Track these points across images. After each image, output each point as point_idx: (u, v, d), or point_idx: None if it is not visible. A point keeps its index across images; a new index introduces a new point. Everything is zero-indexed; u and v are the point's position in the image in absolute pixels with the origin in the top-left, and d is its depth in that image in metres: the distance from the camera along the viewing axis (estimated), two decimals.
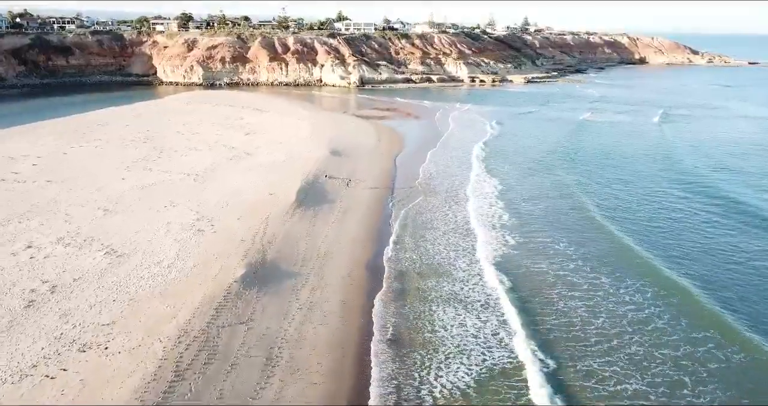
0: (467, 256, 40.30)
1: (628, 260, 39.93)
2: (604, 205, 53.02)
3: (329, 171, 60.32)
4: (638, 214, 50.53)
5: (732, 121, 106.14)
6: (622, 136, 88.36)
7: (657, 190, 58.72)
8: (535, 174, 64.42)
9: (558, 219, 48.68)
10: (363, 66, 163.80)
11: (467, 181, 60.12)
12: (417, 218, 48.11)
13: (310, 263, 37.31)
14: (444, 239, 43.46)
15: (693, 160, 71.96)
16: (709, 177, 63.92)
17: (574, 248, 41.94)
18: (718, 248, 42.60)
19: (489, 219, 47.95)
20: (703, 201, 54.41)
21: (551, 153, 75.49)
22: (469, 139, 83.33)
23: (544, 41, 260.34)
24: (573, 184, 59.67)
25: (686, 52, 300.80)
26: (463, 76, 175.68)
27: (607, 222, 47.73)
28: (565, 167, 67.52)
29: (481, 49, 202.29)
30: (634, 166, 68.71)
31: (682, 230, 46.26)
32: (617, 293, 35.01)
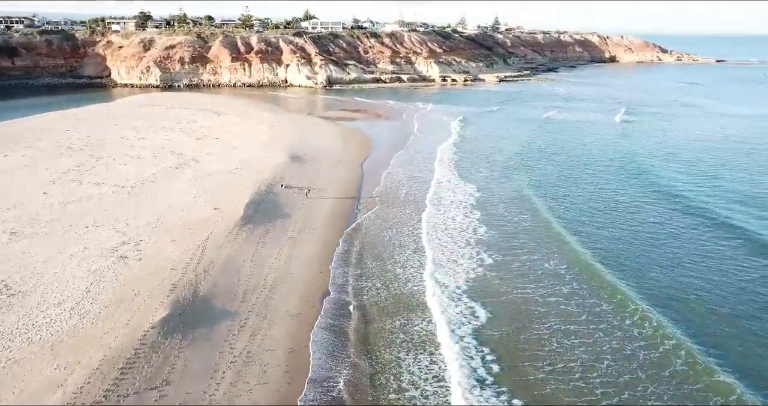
0: (439, 285, 34.20)
1: (588, 271, 34.51)
2: (557, 209, 48.20)
3: (287, 180, 53.75)
4: (590, 216, 46.06)
5: (694, 118, 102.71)
6: (583, 135, 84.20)
7: (614, 191, 54.62)
8: (497, 178, 58.86)
9: (517, 230, 43.04)
10: (330, 66, 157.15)
11: (438, 189, 54.16)
12: (382, 234, 41.90)
13: (253, 296, 30.77)
14: (414, 259, 37.32)
15: (650, 158, 68.94)
16: (663, 173, 61.53)
17: (533, 258, 36.33)
18: (665, 244, 37.59)
19: (461, 234, 42.01)
20: (655, 198, 52.06)
21: (515, 155, 70.58)
22: (438, 141, 77.53)
23: (515, 40, 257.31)
24: (527, 188, 54.92)
25: (655, 50, 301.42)
26: (435, 75, 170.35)
27: (561, 228, 42.98)
28: (523, 171, 62.23)
29: (452, 47, 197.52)
30: (591, 167, 64.58)
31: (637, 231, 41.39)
32: (587, 310, 29.47)
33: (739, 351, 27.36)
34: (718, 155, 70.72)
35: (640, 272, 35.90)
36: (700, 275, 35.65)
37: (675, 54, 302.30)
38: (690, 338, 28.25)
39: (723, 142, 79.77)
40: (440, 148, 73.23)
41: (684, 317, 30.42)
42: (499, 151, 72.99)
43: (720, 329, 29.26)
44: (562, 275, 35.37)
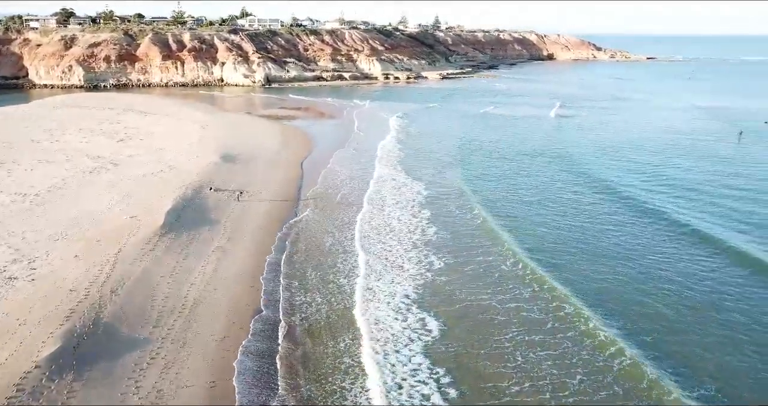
0: (377, 298, 30.49)
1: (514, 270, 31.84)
2: (491, 204, 45.52)
3: (217, 182, 48.79)
4: (522, 209, 43.42)
5: (626, 111, 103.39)
6: (519, 130, 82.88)
7: (546, 181, 53.53)
8: (438, 175, 55.81)
9: (453, 227, 40.07)
10: (269, 63, 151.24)
11: (380, 188, 50.53)
12: (323, 239, 37.83)
13: (170, 320, 26.12)
14: (358, 267, 33.45)
15: (583, 149, 68.26)
16: (590, 164, 60.89)
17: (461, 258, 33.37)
18: (592, 232, 35.59)
19: (407, 236, 38.49)
20: (587, 188, 50.91)
21: (454, 150, 68.23)
22: (379, 138, 74.01)
23: (456, 38, 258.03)
24: (469, 183, 52.31)
25: (590, 48, 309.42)
26: (377, 73, 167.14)
27: (493, 222, 40.06)
28: (462, 166, 59.58)
29: (394, 45, 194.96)
30: (525, 160, 63.00)
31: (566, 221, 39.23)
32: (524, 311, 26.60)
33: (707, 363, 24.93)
34: (650, 146, 70.12)
35: (594, 272, 33.34)
36: (644, 268, 33.44)
37: (609, 52, 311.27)
38: (644, 340, 25.67)
39: (654, 132, 79.49)
40: (381, 144, 69.83)
41: (628, 314, 27.91)
42: (438, 146, 70.34)
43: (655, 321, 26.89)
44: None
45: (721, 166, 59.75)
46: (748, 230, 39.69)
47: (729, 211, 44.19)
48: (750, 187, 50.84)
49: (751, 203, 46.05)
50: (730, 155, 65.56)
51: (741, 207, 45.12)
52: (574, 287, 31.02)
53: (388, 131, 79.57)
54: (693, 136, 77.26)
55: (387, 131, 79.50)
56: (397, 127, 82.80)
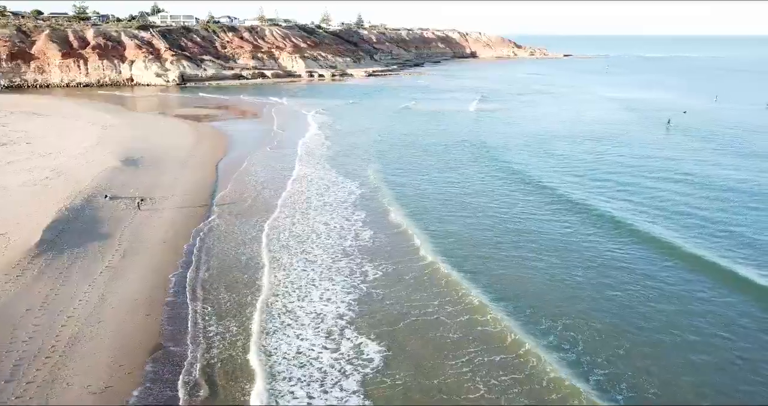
0: (300, 322, 25.54)
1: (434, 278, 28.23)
2: (405, 200, 41.67)
3: (115, 189, 41.97)
4: (437, 203, 39.97)
5: (542, 104, 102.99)
6: (438, 123, 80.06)
7: (468, 174, 50.37)
8: (358, 171, 51.36)
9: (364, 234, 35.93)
10: (184, 62, 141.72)
11: (300, 188, 45.39)
12: (239, 251, 32.29)
13: (32, 368, 19.98)
14: (282, 284, 28.24)
15: (499, 142, 65.75)
16: (509, 155, 58.56)
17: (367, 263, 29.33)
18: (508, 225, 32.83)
19: (337, 242, 33.68)
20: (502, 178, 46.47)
21: (375, 144, 64.49)
22: (299, 136, 68.78)
23: (380, 36, 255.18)
24: (380, 182, 47.93)
25: (511, 46, 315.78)
26: (301, 70, 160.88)
27: (404, 217, 36.34)
28: (382, 161, 55.69)
29: (317, 43, 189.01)
30: (439, 150, 60.81)
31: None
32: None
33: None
34: (571, 136, 68.66)
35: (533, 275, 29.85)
36: (569, 260, 30.40)
37: (528, 49, 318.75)
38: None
39: (574, 124, 78.41)
40: (301, 142, 64.69)
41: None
42: (358, 142, 66.08)
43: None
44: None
45: (649, 152, 59.07)
46: (676, 218, 37.52)
47: (656, 200, 42.04)
48: (679, 176, 49.39)
49: (681, 192, 44.36)
50: (657, 141, 65.17)
51: (670, 196, 43.22)
52: (498, 294, 27.28)
53: (308, 129, 74.38)
54: (613, 125, 76.70)
55: (308, 129, 74.31)
56: (319, 124, 77.85)
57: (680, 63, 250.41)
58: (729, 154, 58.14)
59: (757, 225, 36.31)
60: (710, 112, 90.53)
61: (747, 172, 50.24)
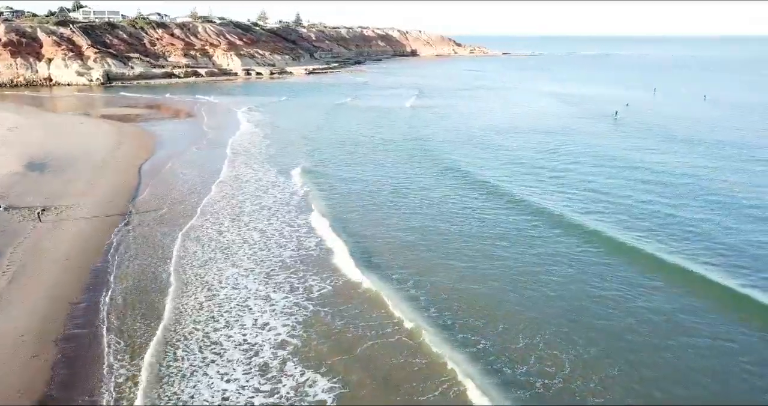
0: (230, 358, 21.14)
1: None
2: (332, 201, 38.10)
3: (14, 197, 35.94)
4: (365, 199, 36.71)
5: (480, 100, 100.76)
6: (371, 119, 76.68)
7: (400, 173, 46.41)
8: (284, 170, 46.70)
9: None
10: (109, 59, 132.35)
11: (230, 192, 40.60)
12: (159, 268, 27.33)
13: None
14: (210, 309, 23.62)
15: (434, 137, 62.86)
16: (448, 153, 54.75)
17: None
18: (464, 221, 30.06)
19: (274, 251, 29.28)
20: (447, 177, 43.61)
21: (308, 141, 60.32)
22: (230, 134, 63.51)
23: (320, 34, 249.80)
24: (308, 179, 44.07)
25: (451, 44, 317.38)
26: (237, 68, 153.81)
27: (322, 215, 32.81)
28: (311, 159, 51.35)
29: (254, 40, 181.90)
30: (374, 145, 57.75)
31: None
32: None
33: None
34: (505, 132, 65.38)
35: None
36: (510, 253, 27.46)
37: (468, 48, 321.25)
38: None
39: (509, 119, 75.94)
40: (231, 141, 59.60)
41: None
42: (291, 139, 61.83)
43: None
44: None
45: (599, 142, 57.49)
46: (625, 212, 35.25)
47: (597, 191, 39.83)
48: (629, 165, 47.57)
49: (634, 183, 42.38)
50: (606, 132, 63.85)
51: (621, 189, 41.13)
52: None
53: (240, 127, 69.18)
54: (556, 119, 75.21)
55: (239, 127, 69.08)
56: (252, 122, 72.77)
57: (614, 60, 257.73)
58: (677, 143, 57.29)
59: (701, 214, 34.30)
60: (651, 104, 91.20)
61: (691, 158, 48.98)
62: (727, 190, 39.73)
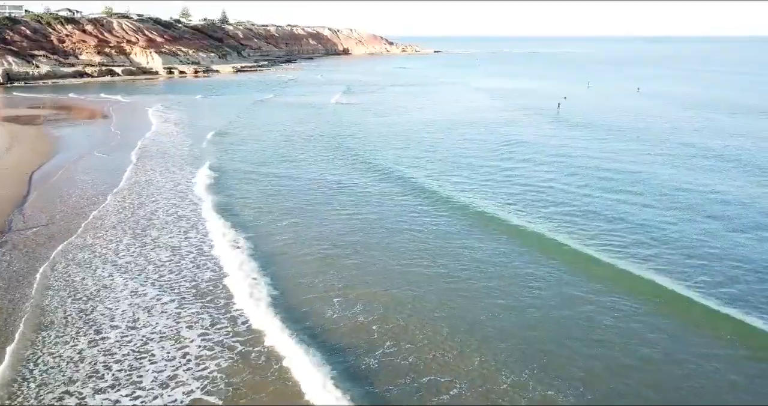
0: None
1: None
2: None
3: None
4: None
5: (403, 96, 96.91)
6: (293, 115, 71.76)
7: (318, 170, 41.35)
8: (194, 171, 41.41)
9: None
10: (9, 57, 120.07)
11: (138, 200, 34.53)
12: (42, 303, 21.24)
13: None
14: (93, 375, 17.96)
15: (354, 133, 58.59)
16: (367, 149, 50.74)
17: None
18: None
19: (188, 274, 23.82)
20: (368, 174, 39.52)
21: (220, 139, 54.83)
22: (139, 136, 56.39)
23: (247, 32, 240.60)
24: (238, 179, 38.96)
25: (383, 43, 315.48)
26: (158, 67, 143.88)
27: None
28: (221, 158, 46.19)
29: (177, 37, 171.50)
30: (291, 142, 53.34)
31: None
32: None
33: None
34: (424, 128, 61.27)
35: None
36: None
37: (401, 46, 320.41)
38: None
39: (441, 115, 71.73)
40: (140, 143, 52.79)
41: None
42: (205, 136, 55.90)
43: None
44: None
45: (545, 134, 54.71)
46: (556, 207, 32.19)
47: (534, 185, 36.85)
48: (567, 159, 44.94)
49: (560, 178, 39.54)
50: (551, 124, 61.48)
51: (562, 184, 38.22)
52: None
53: (152, 127, 62.24)
54: (485, 113, 72.59)
55: (151, 127, 62.11)
56: (165, 121, 66.12)
57: (542, 58, 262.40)
58: (612, 133, 55.50)
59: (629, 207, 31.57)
60: (587, 97, 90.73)
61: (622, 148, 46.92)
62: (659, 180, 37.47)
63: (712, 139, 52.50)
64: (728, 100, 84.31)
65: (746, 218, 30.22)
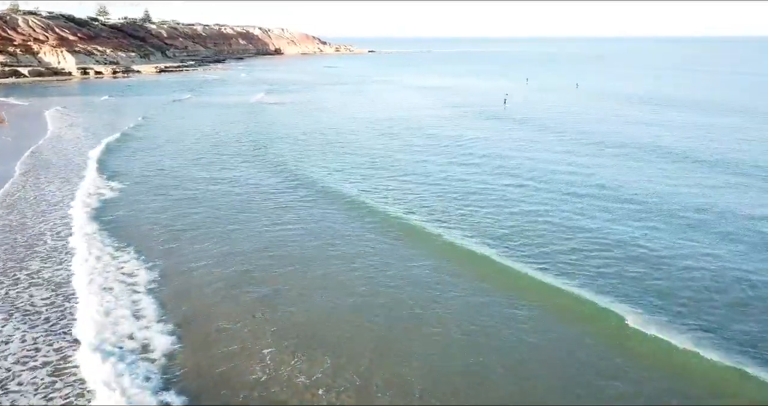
0: None
1: None
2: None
3: None
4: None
5: (327, 94, 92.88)
6: (208, 115, 67.28)
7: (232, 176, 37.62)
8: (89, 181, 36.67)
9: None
10: None
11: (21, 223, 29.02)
12: None
13: None
14: None
15: (270, 134, 54.58)
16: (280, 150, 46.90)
17: None
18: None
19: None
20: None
21: (121, 144, 49.35)
22: (33, 142, 49.84)
23: (172, 32, 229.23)
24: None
25: (316, 42, 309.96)
26: (71, 67, 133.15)
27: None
28: (120, 166, 40.73)
29: (93, 36, 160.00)
30: (200, 145, 48.54)
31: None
32: None
33: None
34: (343, 129, 56.75)
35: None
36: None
37: (334, 46, 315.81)
38: None
39: (372, 114, 67.14)
40: (32, 149, 46.42)
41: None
42: (105, 140, 50.30)
43: None
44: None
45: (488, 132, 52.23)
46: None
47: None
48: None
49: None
50: (497, 120, 59.10)
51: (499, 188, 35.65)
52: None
53: (48, 132, 55.29)
54: (425, 111, 69.89)
55: (47, 132, 55.20)
56: (65, 125, 59.47)
57: (472, 57, 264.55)
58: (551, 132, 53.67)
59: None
60: (528, 93, 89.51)
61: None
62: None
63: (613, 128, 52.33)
64: (632, 93, 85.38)
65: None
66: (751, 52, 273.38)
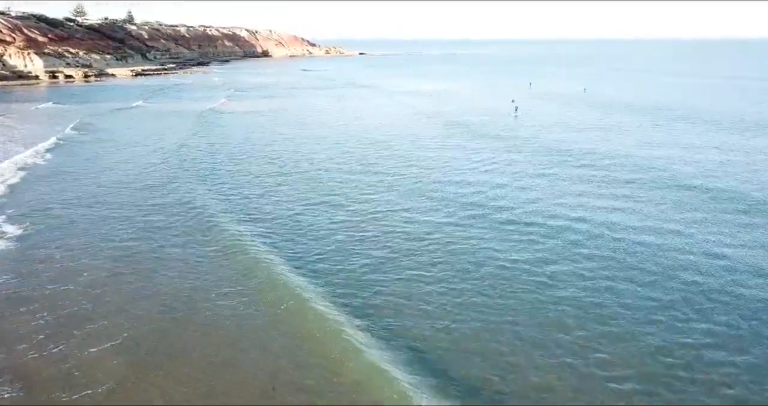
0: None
1: None
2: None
3: None
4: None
5: (305, 98, 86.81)
6: (158, 124, 60.51)
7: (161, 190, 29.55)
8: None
9: None
10: None
11: None
12: None
13: None
14: None
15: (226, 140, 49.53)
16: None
17: None
18: None
19: None
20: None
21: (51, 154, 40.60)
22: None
23: (154, 33, 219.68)
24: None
25: (305, 44, 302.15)
26: (38, 70, 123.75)
27: None
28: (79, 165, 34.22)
29: (66, 37, 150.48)
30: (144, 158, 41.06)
31: None
32: None
33: None
34: (305, 141, 49.36)
35: None
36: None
37: (324, 48, 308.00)
38: None
39: (351, 123, 59.34)
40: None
41: None
42: (28, 150, 43.57)
43: None
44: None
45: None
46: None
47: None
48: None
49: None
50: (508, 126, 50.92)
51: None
52: None
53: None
54: (407, 121, 61.53)
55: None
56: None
57: (461, 59, 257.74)
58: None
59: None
60: (532, 98, 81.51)
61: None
62: None
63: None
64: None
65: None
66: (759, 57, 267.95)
